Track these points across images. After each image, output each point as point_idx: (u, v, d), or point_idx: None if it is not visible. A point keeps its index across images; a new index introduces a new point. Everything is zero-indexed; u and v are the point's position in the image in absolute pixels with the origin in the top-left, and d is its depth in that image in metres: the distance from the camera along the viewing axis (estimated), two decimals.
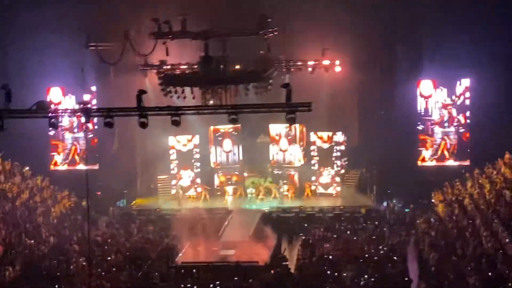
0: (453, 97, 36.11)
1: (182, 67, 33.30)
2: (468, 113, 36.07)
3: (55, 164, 38.41)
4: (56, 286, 23.00)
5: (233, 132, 39.13)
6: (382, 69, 36.82)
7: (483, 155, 31.96)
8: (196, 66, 28.14)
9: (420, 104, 36.56)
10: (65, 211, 33.57)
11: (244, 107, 20.63)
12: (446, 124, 36.49)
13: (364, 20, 34.45)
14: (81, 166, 37.26)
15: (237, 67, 28.44)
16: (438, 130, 36.77)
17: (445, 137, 36.68)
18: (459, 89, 35.92)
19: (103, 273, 24.57)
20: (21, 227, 28.94)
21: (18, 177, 33.92)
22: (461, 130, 36.21)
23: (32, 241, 27.86)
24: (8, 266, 24.66)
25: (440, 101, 36.30)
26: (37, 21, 33.97)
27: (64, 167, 38.41)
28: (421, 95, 36.45)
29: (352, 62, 36.69)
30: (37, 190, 33.96)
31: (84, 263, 25.45)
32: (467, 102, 35.94)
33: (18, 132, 29.78)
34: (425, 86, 36.38)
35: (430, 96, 36.37)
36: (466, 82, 35.61)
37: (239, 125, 37.05)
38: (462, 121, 36.17)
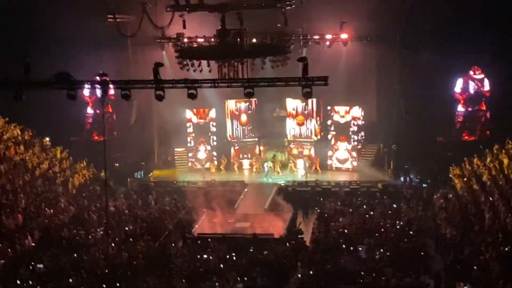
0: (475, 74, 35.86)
1: (199, 40, 33.24)
2: (487, 88, 35.82)
3: (74, 134, 38.80)
4: (75, 255, 23.32)
5: (250, 106, 39.14)
6: (402, 43, 36.47)
7: (503, 132, 31.65)
8: (213, 39, 28.04)
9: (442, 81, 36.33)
10: (84, 181, 33.96)
11: (260, 80, 20.62)
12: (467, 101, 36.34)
13: None
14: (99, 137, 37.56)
15: (254, 40, 28.33)
16: (461, 109, 36.61)
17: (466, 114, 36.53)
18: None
19: (120, 242, 24.90)
20: (40, 197, 29.31)
21: (37, 148, 34.31)
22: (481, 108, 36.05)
23: (51, 211, 28.22)
24: (28, 235, 25.03)
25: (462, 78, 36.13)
26: None
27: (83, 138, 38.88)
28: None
29: (371, 36, 36.38)
30: (56, 160, 34.35)
31: (102, 233, 25.79)
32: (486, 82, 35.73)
33: (37, 103, 30.15)
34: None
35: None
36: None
37: (256, 99, 37.09)
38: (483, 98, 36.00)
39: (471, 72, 36.38)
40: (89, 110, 39.61)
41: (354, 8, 34.47)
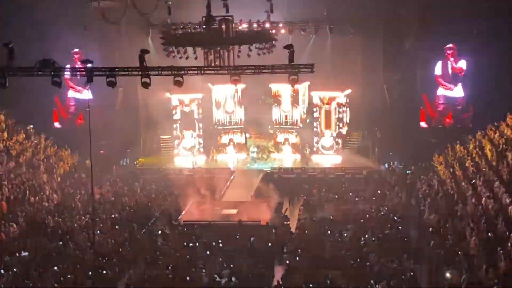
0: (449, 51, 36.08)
1: (185, 27, 33.07)
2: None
3: (56, 120, 38.61)
4: (60, 242, 23.27)
5: (235, 93, 39.10)
6: (386, 31, 36.58)
7: (485, 118, 31.92)
8: (198, 26, 27.90)
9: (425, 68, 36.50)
10: (69, 169, 33.83)
11: (246, 67, 20.58)
12: (449, 88, 36.52)
13: None
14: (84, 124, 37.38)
15: (240, 27, 28.24)
16: (441, 93, 36.81)
17: (448, 101, 36.75)
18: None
19: (106, 230, 24.89)
20: (24, 185, 29.19)
21: (21, 135, 34.11)
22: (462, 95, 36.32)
23: (36, 198, 28.12)
24: (12, 223, 24.94)
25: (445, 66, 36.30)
26: None
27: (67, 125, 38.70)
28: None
29: (356, 24, 36.43)
30: (41, 148, 34.17)
31: (87, 220, 25.75)
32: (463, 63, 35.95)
33: (21, 89, 29.90)
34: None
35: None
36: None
37: (242, 86, 37.06)
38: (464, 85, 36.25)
39: (447, 52, 36.39)
40: (71, 94, 39.22)
41: None
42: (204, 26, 26.33)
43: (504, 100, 31.16)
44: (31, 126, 35.49)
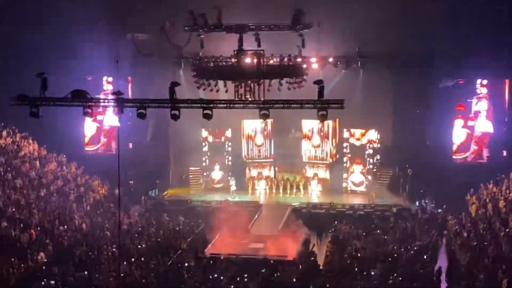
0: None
1: (216, 60, 33.43)
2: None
3: (87, 145, 39.05)
4: (86, 272, 23.29)
5: (266, 127, 39.16)
6: (418, 66, 36.38)
7: None
8: (230, 60, 28.12)
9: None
10: (99, 198, 34.06)
11: (276, 102, 20.59)
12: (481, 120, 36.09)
13: (399, 17, 34.01)
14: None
15: (271, 61, 28.38)
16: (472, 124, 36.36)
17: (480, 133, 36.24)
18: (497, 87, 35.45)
19: (133, 261, 24.86)
20: (54, 213, 29.42)
21: (53, 164, 34.52)
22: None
23: (65, 227, 28.28)
24: (40, 251, 25.07)
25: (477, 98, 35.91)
26: (75, 10, 34.38)
27: (96, 151, 39.12)
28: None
29: (388, 59, 36.35)
30: (71, 177, 34.51)
31: (114, 250, 25.77)
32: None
33: (53, 119, 30.36)
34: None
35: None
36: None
37: (271, 119, 37.11)
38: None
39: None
40: (104, 122, 39.49)
41: (371, 31, 34.42)
42: (235, 60, 26.52)
43: None
44: (63, 155, 35.91)
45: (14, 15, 34.55)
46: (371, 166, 37.75)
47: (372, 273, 23.50)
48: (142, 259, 25.30)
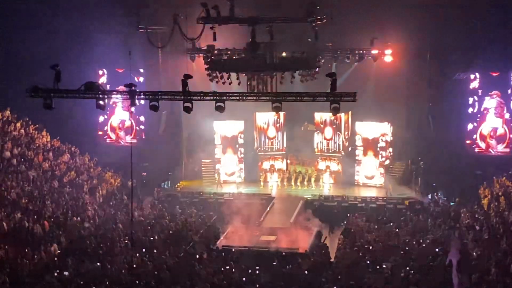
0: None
1: (229, 52, 33.40)
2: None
3: (101, 138, 39.27)
4: (98, 263, 23.44)
5: (278, 119, 39.15)
6: (432, 59, 36.17)
7: None
8: (242, 52, 28.07)
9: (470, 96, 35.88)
10: (112, 190, 34.22)
11: (288, 95, 20.56)
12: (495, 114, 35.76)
13: (413, 9, 33.81)
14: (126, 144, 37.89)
15: (284, 54, 28.31)
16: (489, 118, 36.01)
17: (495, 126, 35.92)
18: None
19: (145, 252, 24.98)
20: (67, 204, 29.61)
21: (66, 155, 34.72)
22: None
23: (78, 218, 28.47)
24: (53, 243, 25.25)
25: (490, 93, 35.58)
26: (88, 3, 34.49)
27: (110, 143, 39.35)
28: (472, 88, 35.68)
29: (401, 52, 36.16)
30: (84, 168, 34.71)
31: (127, 241, 25.91)
32: None
33: (67, 111, 30.54)
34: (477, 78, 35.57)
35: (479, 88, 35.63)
36: None
37: (284, 112, 37.07)
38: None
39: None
40: (120, 116, 39.79)
41: (385, 23, 34.26)
42: (248, 52, 26.48)
43: None
44: (75, 147, 36.10)
45: (28, 8, 34.68)
46: (383, 159, 37.63)
47: (384, 266, 23.47)
48: (155, 250, 25.42)
